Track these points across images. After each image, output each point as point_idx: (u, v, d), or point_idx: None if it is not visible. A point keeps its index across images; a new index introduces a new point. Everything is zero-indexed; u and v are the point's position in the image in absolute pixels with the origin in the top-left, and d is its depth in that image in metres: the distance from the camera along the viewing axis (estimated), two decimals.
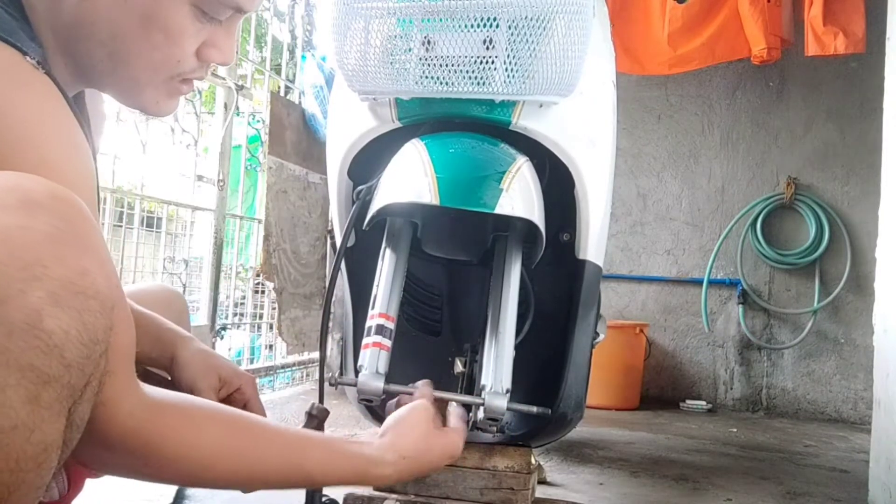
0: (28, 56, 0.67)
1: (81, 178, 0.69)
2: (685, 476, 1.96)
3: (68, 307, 0.53)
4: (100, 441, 0.64)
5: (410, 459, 0.85)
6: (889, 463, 1.60)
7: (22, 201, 0.54)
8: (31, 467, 0.52)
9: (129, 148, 2.14)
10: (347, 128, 1.27)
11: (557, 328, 1.34)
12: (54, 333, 0.52)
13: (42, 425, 0.52)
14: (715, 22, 3.03)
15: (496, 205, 1.03)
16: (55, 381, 0.52)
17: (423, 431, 0.89)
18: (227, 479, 0.73)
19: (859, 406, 3.22)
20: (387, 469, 0.83)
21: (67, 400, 0.54)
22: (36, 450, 0.52)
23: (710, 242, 3.47)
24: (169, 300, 1.19)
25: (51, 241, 0.54)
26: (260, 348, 3.00)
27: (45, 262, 0.52)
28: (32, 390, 0.51)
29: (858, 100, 3.29)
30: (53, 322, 0.52)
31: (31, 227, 0.53)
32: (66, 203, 0.57)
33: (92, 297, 0.55)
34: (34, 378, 0.51)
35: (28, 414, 0.50)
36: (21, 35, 0.68)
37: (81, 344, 0.54)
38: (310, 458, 0.78)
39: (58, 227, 0.54)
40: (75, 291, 0.54)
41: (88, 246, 0.56)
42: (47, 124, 0.67)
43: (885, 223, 1.77)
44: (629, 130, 3.56)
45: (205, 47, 0.79)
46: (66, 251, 0.54)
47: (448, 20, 1.08)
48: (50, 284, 0.52)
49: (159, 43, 0.75)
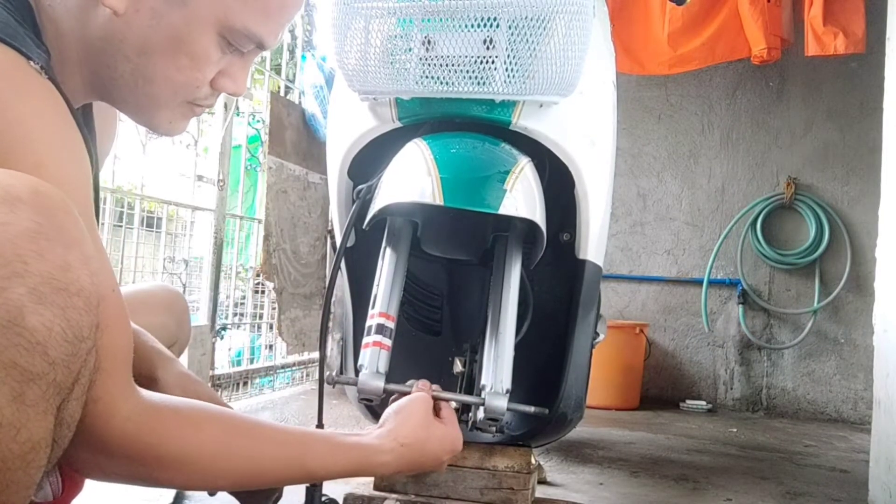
0: (32, 61, 0.67)
1: (76, 181, 0.69)
2: (685, 476, 1.96)
3: (51, 304, 0.52)
4: (98, 446, 0.64)
5: (409, 447, 0.85)
6: (889, 463, 1.60)
7: (2, 197, 0.54)
8: (20, 466, 0.51)
9: (129, 148, 2.14)
10: (347, 128, 1.27)
11: (557, 328, 1.34)
12: (37, 330, 0.51)
13: (28, 424, 0.51)
14: (715, 22, 3.03)
15: (500, 205, 1.03)
16: (39, 378, 0.51)
17: (421, 420, 0.89)
18: (227, 479, 0.73)
19: (859, 406, 3.22)
20: (386, 456, 0.83)
21: (55, 398, 0.53)
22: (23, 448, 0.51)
23: (710, 242, 3.47)
24: (170, 301, 1.18)
25: (31, 237, 0.53)
26: (260, 348, 3.00)
27: (25, 259, 0.52)
28: (16, 388, 0.50)
29: (858, 100, 3.29)
30: (36, 319, 0.51)
31: (11, 223, 0.52)
32: (49, 199, 0.56)
33: (75, 293, 0.54)
34: (17, 376, 0.50)
35: (13, 412, 0.50)
36: (27, 41, 0.69)
37: (66, 341, 0.53)
38: (310, 452, 0.78)
39: (39, 222, 0.54)
40: (57, 287, 0.53)
41: (71, 242, 0.56)
42: (45, 128, 0.67)
43: (885, 223, 1.77)
44: (629, 130, 3.56)
45: (220, 76, 0.82)
46: (47, 247, 0.53)
47: (448, 20, 1.08)
48: (31, 280, 0.52)
49: (184, 66, 0.77)
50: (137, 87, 0.79)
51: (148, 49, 0.76)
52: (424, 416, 0.90)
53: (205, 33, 0.77)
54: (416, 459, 0.86)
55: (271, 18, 0.79)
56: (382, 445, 0.83)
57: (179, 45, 0.76)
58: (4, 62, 0.65)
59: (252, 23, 0.78)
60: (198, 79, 0.79)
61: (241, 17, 0.77)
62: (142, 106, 0.82)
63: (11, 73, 0.65)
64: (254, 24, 0.78)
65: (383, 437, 0.84)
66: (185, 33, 0.76)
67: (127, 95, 0.81)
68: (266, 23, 0.79)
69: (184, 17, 0.75)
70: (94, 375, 0.58)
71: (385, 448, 0.83)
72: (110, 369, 0.61)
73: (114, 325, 0.60)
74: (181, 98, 0.81)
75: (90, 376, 0.58)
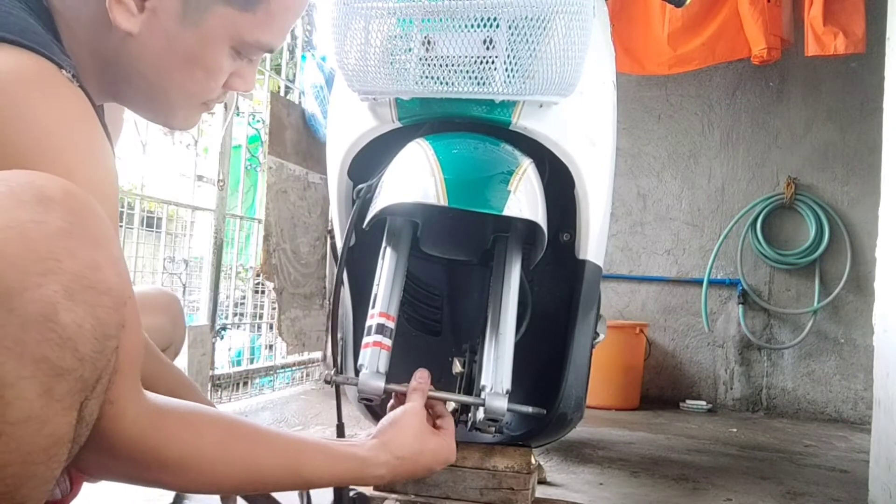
0: (64, 70, 0.69)
1: (105, 187, 0.72)
2: (685, 476, 1.96)
3: (82, 301, 0.53)
4: (104, 447, 0.64)
5: (403, 459, 0.86)
6: (889, 463, 1.60)
7: (37, 197, 0.55)
8: (42, 460, 0.52)
9: (129, 148, 2.14)
10: (347, 128, 1.27)
11: (557, 328, 1.34)
12: (68, 327, 0.52)
13: (54, 418, 0.52)
14: (715, 22, 3.03)
15: (504, 206, 1.03)
16: (68, 374, 0.52)
17: (416, 432, 0.90)
18: (227, 483, 0.74)
19: (859, 406, 3.22)
20: (380, 469, 0.84)
21: (79, 394, 0.54)
22: (47, 442, 0.52)
23: (710, 242, 3.47)
24: (166, 304, 1.19)
25: (64, 236, 0.54)
26: (260, 348, 3.00)
27: (59, 256, 0.53)
28: (46, 382, 0.51)
29: (858, 100, 3.29)
30: (68, 315, 0.52)
31: (46, 222, 0.54)
32: (79, 200, 0.57)
33: (104, 292, 0.55)
34: (48, 370, 0.51)
35: (41, 406, 0.51)
36: (55, 49, 0.71)
37: (94, 338, 0.54)
38: (306, 461, 0.79)
39: (71, 222, 0.55)
40: (88, 286, 0.54)
41: (100, 242, 0.57)
42: (77, 136, 0.69)
43: (885, 223, 1.77)
44: (629, 130, 3.56)
45: (232, 78, 0.86)
46: (77, 246, 0.55)
47: (448, 20, 1.08)
48: (64, 278, 0.52)
49: (199, 79, 0.82)
50: (154, 99, 0.83)
51: (164, 67, 0.79)
52: (419, 429, 0.91)
53: (218, 49, 0.80)
54: (409, 470, 0.89)
55: (279, 25, 0.83)
56: (378, 458, 0.85)
57: (194, 62, 0.80)
58: (39, 71, 0.67)
59: (261, 34, 0.81)
60: (212, 87, 0.84)
61: (252, 31, 0.80)
62: (157, 112, 0.86)
63: (45, 82, 0.67)
64: (263, 35, 0.82)
65: (378, 448, 0.86)
66: (199, 51, 0.79)
67: (142, 103, 0.85)
68: (274, 30, 0.82)
69: (197, 37, 0.78)
70: (113, 376, 0.59)
71: (380, 461, 0.85)
72: (126, 371, 0.62)
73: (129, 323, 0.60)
74: (196, 102, 0.85)
75: (111, 376, 0.58)
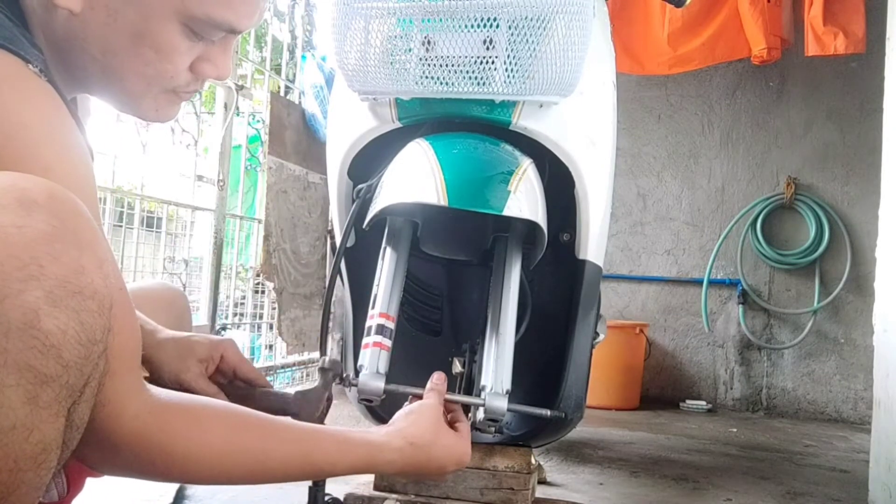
0: (31, 64, 0.67)
1: (83, 182, 0.70)
2: (685, 476, 1.96)
3: (65, 307, 0.53)
4: (106, 443, 0.64)
5: (416, 447, 0.84)
6: (889, 463, 1.60)
7: (19, 200, 0.54)
8: (30, 467, 0.52)
9: (129, 148, 2.14)
10: (347, 128, 1.27)
11: (557, 328, 1.34)
12: (52, 333, 0.51)
13: (41, 425, 0.52)
14: (715, 22, 3.03)
15: (504, 207, 1.03)
16: (53, 381, 0.52)
17: (431, 423, 0.88)
18: (235, 475, 0.73)
19: (859, 406, 3.22)
20: (393, 454, 0.83)
21: (66, 400, 0.54)
22: (35, 450, 0.52)
23: (710, 242, 3.47)
24: (171, 299, 1.18)
25: (47, 240, 0.53)
26: (260, 348, 3.00)
27: (41, 261, 0.52)
28: (31, 390, 0.51)
29: (858, 100, 3.29)
30: (51, 322, 0.51)
31: (27, 226, 0.53)
32: (63, 202, 0.56)
33: (89, 297, 0.55)
34: (32, 378, 0.51)
35: (27, 414, 0.50)
36: (23, 42, 0.69)
37: (79, 344, 0.54)
38: (318, 449, 0.77)
39: (54, 225, 0.54)
40: (72, 291, 0.53)
41: (85, 244, 0.56)
42: (50, 132, 0.67)
43: (885, 223, 1.77)
44: (629, 130, 3.56)
45: (199, 62, 0.80)
46: (62, 250, 0.54)
47: (448, 20, 1.08)
48: (47, 283, 0.52)
49: (150, 59, 0.76)
50: (112, 84, 0.79)
51: (110, 47, 0.75)
52: (435, 421, 0.89)
53: (165, 25, 0.75)
54: (422, 461, 0.86)
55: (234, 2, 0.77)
56: (391, 443, 0.83)
57: (141, 40, 0.75)
58: (5, 67, 0.65)
59: (213, 10, 0.75)
60: (168, 70, 0.78)
61: (201, 5, 0.75)
62: (121, 100, 0.81)
63: (13, 78, 0.65)
64: (215, 11, 0.76)
65: (392, 434, 0.84)
66: (144, 28, 0.74)
67: (104, 90, 0.81)
68: (230, 7, 0.76)
69: (139, 11, 0.73)
70: (103, 378, 0.59)
71: (393, 446, 0.83)
72: (119, 370, 0.61)
73: (122, 326, 0.60)
74: (158, 88, 0.80)
75: (100, 379, 0.58)
